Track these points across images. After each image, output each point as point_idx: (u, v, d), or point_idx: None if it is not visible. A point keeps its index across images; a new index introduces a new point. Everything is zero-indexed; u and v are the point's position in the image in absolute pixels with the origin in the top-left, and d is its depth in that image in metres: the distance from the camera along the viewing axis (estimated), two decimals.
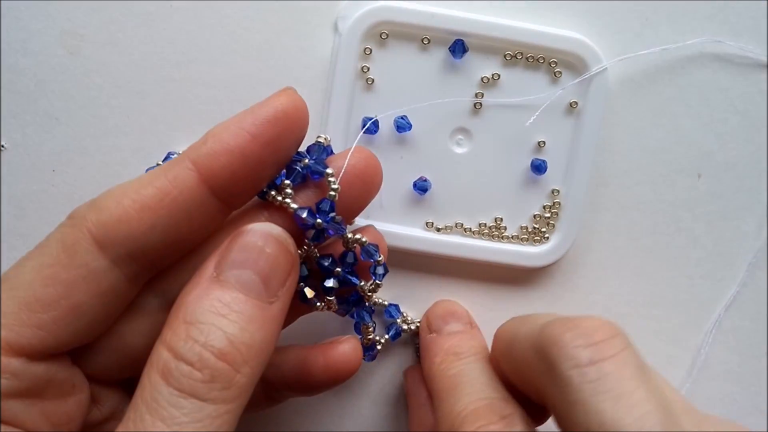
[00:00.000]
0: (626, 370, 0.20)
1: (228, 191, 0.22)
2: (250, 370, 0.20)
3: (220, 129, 0.22)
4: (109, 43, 0.30)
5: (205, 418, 0.19)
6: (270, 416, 0.32)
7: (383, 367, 0.32)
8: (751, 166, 0.32)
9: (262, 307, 0.21)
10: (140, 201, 0.21)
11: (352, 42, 0.29)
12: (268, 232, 0.22)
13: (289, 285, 0.22)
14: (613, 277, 0.32)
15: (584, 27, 0.31)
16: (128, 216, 0.21)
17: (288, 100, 0.23)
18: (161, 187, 0.22)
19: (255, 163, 0.22)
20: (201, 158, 0.22)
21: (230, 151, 0.22)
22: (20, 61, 0.30)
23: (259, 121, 0.22)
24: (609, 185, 0.32)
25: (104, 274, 0.21)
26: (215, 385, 0.20)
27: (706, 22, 0.31)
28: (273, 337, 0.22)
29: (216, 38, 0.30)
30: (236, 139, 0.22)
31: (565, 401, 0.20)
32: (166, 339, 0.20)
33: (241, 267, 0.21)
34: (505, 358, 0.25)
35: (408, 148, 0.30)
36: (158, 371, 0.20)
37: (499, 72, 0.30)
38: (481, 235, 0.31)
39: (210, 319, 0.20)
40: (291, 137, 0.23)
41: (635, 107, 0.32)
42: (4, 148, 0.30)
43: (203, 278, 0.21)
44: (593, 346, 0.20)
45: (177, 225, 0.22)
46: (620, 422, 0.19)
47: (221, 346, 0.20)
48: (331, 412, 0.32)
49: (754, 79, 0.32)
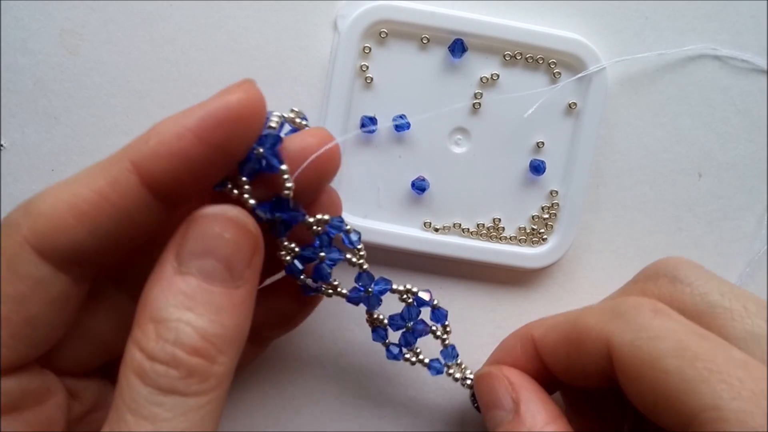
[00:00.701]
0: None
1: (170, 194, 0.21)
2: (226, 358, 0.20)
3: (164, 127, 0.20)
4: (109, 43, 0.30)
5: (188, 412, 0.19)
6: (270, 416, 0.32)
7: (382, 367, 0.32)
8: (751, 166, 0.32)
9: (230, 294, 0.20)
10: (77, 207, 0.20)
11: (352, 41, 0.29)
12: (224, 216, 0.21)
13: (254, 264, 0.21)
14: (613, 277, 0.32)
15: (584, 27, 0.31)
16: (66, 224, 0.20)
17: (242, 97, 0.20)
18: (99, 190, 0.20)
19: (201, 166, 0.20)
20: (142, 159, 0.20)
21: (173, 155, 0.20)
22: (20, 60, 0.30)
23: (205, 121, 0.20)
24: (609, 185, 0.32)
25: (51, 282, 0.21)
26: (193, 380, 0.19)
27: (706, 22, 0.31)
28: (246, 320, 0.21)
29: (216, 38, 0.30)
30: (180, 142, 0.20)
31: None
32: (137, 339, 0.20)
33: (202, 256, 0.20)
34: (564, 349, 0.25)
35: (406, 147, 0.30)
36: (134, 372, 0.19)
37: (498, 72, 0.30)
38: (480, 236, 0.31)
39: (176, 315, 0.20)
40: (243, 138, 0.21)
41: (635, 107, 0.31)
42: (3, 148, 0.30)
43: (165, 271, 0.20)
44: None
45: (119, 229, 0.21)
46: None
47: (192, 342, 0.19)
48: (331, 411, 0.32)
49: (754, 78, 0.31)
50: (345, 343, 0.32)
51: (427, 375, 0.31)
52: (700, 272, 0.24)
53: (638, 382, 0.21)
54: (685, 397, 0.20)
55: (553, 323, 0.26)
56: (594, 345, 0.23)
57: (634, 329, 0.22)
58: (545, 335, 0.26)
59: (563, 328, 0.25)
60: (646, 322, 0.22)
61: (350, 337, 0.31)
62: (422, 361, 0.28)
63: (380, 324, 0.27)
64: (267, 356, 0.31)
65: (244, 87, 0.21)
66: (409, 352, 0.28)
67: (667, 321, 0.22)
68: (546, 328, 0.26)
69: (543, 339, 0.26)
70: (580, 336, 0.24)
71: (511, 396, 0.25)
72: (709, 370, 0.20)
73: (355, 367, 0.32)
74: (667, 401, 0.20)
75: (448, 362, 0.28)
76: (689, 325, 0.22)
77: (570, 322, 0.25)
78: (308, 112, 0.30)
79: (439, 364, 0.28)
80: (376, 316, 0.27)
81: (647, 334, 0.21)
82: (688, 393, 0.20)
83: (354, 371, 0.32)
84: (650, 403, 0.21)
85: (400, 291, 0.27)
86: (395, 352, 0.28)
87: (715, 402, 0.19)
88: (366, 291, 0.26)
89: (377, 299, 0.27)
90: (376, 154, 0.30)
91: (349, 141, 0.30)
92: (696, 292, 0.24)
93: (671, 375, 0.20)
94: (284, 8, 0.30)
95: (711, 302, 0.23)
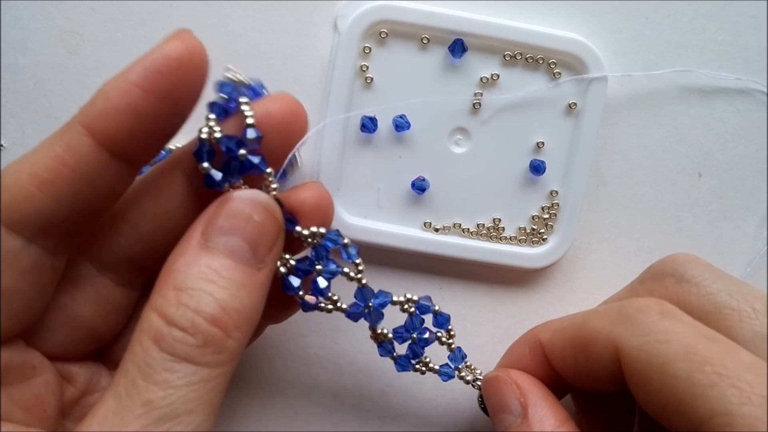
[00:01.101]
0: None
1: (128, 151, 0.21)
2: (240, 334, 0.21)
3: (108, 86, 0.21)
4: (109, 43, 0.30)
5: (198, 382, 0.20)
6: (270, 416, 0.32)
7: (382, 367, 0.32)
8: (751, 166, 0.32)
9: (251, 274, 0.21)
10: (37, 176, 0.20)
11: (352, 41, 0.29)
12: (255, 199, 0.22)
13: (275, 251, 0.22)
14: (614, 277, 0.32)
15: (584, 27, 0.31)
16: (29, 194, 0.20)
17: (179, 45, 0.21)
18: (56, 157, 0.20)
19: (152, 118, 0.21)
20: (92, 121, 0.20)
21: (121, 110, 0.20)
22: (19, 60, 0.30)
23: (149, 73, 0.20)
24: (609, 185, 0.32)
25: (22, 253, 0.21)
26: (208, 350, 0.20)
27: (706, 22, 0.31)
28: (261, 302, 0.22)
29: (216, 38, 0.30)
30: (126, 96, 0.20)
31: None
32: (157, 305, 0.20)
33: (229, 234, 0.21)
34: (571, 354, 0.25)
35: (406, 147, 0.30)
36: (150, 337, 0.20)
37: (498, 72, 0.30)
38: (480, 236, 0.31)
39: (200, 285, 0.20)
40: (189, 86, 0.21)
41: (635, 107, 0.31)
42: (3, 148, 0.30)
43: (191, 245, 0.21)
44: None
45: (82, 193, 0.21)
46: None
47: (213, 311, 0.20)
48: (331, 411, 0.32)
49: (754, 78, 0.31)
50: (345, 343, 0.32)
51: (426, 375, 0.31)
52: (707, 271, 0.24)
53: (647, 386, 0.21)
54: (695, 402, 0.20)
55: (560, 327, 0.26)
56: (602, 349, 0.23)
57: (641, 333, 0.22)
58: (552, 339, 0.26)
59: (570, 332, 0.25)
60: (653, 325, 0.22)
61: (350, 336, 0.31)
62: (432, 368, 0.28)
63: (385, 339, 0.27)
64: (268, 356, 0.31)
65: (180, 36, 0.21)
66: (418, 363, 0.28)
67: (675, 323, 0.22)
68: (553, 332, 0.26)
69: (550, 343, 0.26)
70: (587, 340, 0.24)
71: (519, 400, 0.25)
72: (718, 375, 0.20)
73: (355, 367, 0.32)
74: (676, 406, 0.20)
75: (458, 365, 0.28)
76: (697, 326, 0.22)
77: (577, 326, 0.25)
78: (308, 112, 0.30)
79: (449, 369, 0.28)
80: (380, 331, 0.26)
81: (655, 338, 0.21)
82: (698, 398, 0.20)
83: (354, 371, 0.32)
84: (659, 408, 0.21)
85: (401, 302, 0.26)
86: (404, 365, 0.28)
87: (725, 407, 0.19)
88: (366, 306, 0.26)
89: (378, 314, 0.26)
90: (376, 154, 0.30)
91: (349, 141, 0.30)
92: (703, 292, 0.24)
93: (680, 380, 0.20)
94: (284, 8, 0.30)
95: (719, 303, 0.23)
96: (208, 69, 0.21)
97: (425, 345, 0.27)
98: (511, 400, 0.26)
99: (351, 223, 0.30)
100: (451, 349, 0.28)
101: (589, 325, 0.24)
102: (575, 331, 0.25)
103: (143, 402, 0.19)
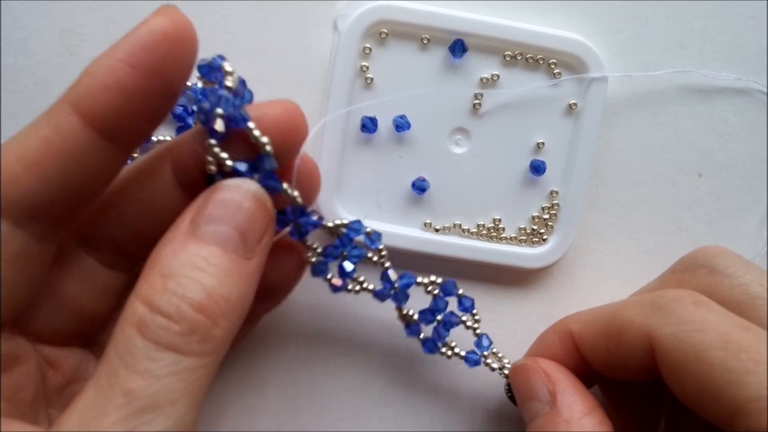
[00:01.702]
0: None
1: (118, 131, 0.21)
2: (227, 323, 0.20)
3: (94, 65, 0.20)
4: (109, 43, 0.29)
5: (182, 371, 0.19)
6: (270, 416, 0.32)
7: (383, 366, 0.32)
8: (751, 166, 0.32)
9: (240, 262, 0.21)
10: (25, 157, 0.20)
11: (352, 41, 0.29)
12: (246, 188, 0.21)
13: (265, 242, 0.22)
14: (614, 277, 0.32)
15: (584, 27, 0.31)
16: (16, 175, 0.20)
17: (165, 20, 0.20)
18: (44, 137, 0.20)
19: (140, 96, 0.20)
20: (80, 100, 0.20)
21: (109, 88, 0.20)
22: (20, 60, 0.30)
23: (135, 49, 0.20)
24: (609, 185, 0.32)
25: (9, 238, 0.20)
26: (193, 338, 0.19)
27: (706, 22, 0.31)
28: (250, 292, 0.21)
29: (216, 38, 0.30)
30: (113, 73, 0.20)
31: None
32: (142, 292, 0.20)
33: (219, 222, 0.21)
34: (604, 343, 0.25)
35: (407, 147, 0.30)
36: (133, 325, 0.19)
37: (498, 72, 0.30)
38: (480, 236, 0.31)
39: (187, 272, 0.20)
40: (177, 62, 0.21)
41: (635, 107, 0.31)
42: None
43: (179, 232, 0.21)
44: None
45: (71, 175, 0.20)
46: None
47: (199, 298, 0.19)
48: (331, 411, 0.32)
49: (754, 78, 0.31)
50: (346, 342, 0.32)
51: (427, 375, 0.32)
52: (739, 262, 0.25)
53: (682, 374, 0.21)
54: (730, 388, 0.20)
55: (592, 317, 0.26)
56: (635, 338, 0.23)
57: (676, 322, 0.22)
58: (583, 329, 0.26)
59: (602, 322, 0.25)
60: (688, 314, 0.22)
61: (351, 336, 0.31)
62: (458, 354, 0.29)
63: (411, 320, 0.28)
64: (268, 356, 0.31)
65: (165, 11, 0.21)
66: (444, 346, 0.29)
67: (709, 313, 0.22)
68: (584, 323, 0.26)
69: (581, 333, 0.26)
70: (620, 330, 0.24)
71: (547, 388, 0.26)
72: (754, 362, 0.20)
73: (355, 366, 0.32)
74: (711, 393, 0.21)
75: (484, 352, 0.29)
76: (731, 316, 0.22)
77: (609, 316, 0.25)
78: (308, 113, 0.30)
79: (475, 356, 0.29)
80: (406, 312, 0.28)
81: (690, 327, 0.22)
82: (733, 384, 0.20)
83: (354, 371, 0.32)
84: (694, 395, 0.21)
85: (425, 283, 0.28)
86: (431, 347, 0.28)
87: (761, 393, 0.20)
88: (392, 287, 0.27)
89: (404, 294, 0.27)
90: (376, 155, 0.30)
91: (350, 141, 0.30)
92: (735, 283, 0.24)
93: (715, 367, 0.21)
94: (284, 8, 0.30)
95: (751, 294, 0.23)
96: (197, 44, 0.21)
97: (450, 327, 0.28)
98: (539, 387, 0.26)
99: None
100: (476, 335, 0.29)
101: (622, 315, 0.24)
102: (608, 321, 0.25)
103: (124, 391, 0.18)
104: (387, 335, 0.31)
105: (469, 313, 0.29)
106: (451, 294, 0.28)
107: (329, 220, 0.25)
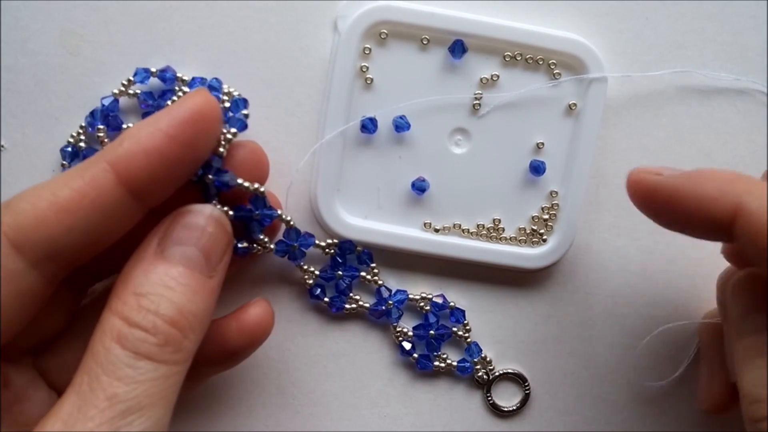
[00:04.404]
0: None
1: (146, 191, 0.23)
2: (194, 336, 0.23)
3: (136, 130, 0.23)
4: (109, 44, 0.30)
5: (159, 378, 0.21)
6: (270, 416, 0.32)
7: (382, 367, 0.32)
8: (751, 166, 0.32)
9: (204, 281, 0.23)
10: (57, 203, 0.22)
11: (352, 41, 0.29)
12: (209, 213, 0.24)
13: (225, 261, 0.24)
14: (614, 277, 0.32)
15: (584, 27, 0.31)
16: (45, 218, 0.22)
17: (203, 101, 0.23)
18: (78, 189, 0.22)
19: (173, 163, 0.23)
20: (119, 159, 0.22)
21: (148, 152, 0.22)
22: (20, 60, 0.30)
23: (176, 122, 0.23)
24: (609, 185, 0.32)
25: (23, 276, 0.22)
26: (168, 348, 0.22)
27: (706, 22, 0.31)
28: (212, 307, 0.24)
29: (216, 38, 0.30)
30: (154, 140, 0.22)
31: None
32: (117, 309, 0.22)
33: (185, 244, 0.23)
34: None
35: (406, 148, 0.30)
36: (112, 338, 0.21)
37: (498, 73, 0.30)
38: (479, 237, 0.31)
39: (160, 291, 0.22)
40: (207, 137, 0.24)
41: (635, 107, 0.31)
42: (3, 148, 0.30)
43: (148, 253, 0.23)
44: None
45: (95, 226, 0.22)
46: None
47: (172, 314, 0.22)
48: (331, 411, 0.32)
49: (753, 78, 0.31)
50: (345, 342, 0.32)
51: (426, 375, 0.32)
52: None
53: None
54: None
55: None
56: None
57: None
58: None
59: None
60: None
61: (351, 336, 0.32)
62: (451, 365, 0.31)
63: (405, 337, 0.30)
64: (268, 356, 0.31)
65: (200, 93, 0.24)
66: (437, 359, 0.30)
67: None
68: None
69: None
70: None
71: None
72: None
73: (355, 367, 0.32)
74: None
75: (474, 359, 0.31)
76: None
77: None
78: (308, 113, 0.30)
79: (467, 364, 0.31)
80: (401, 329, 0.30)
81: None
82: None
83: (354, 371, 0.32)
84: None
85: (417, 300, 0.30)
86: (425, 364, 0.30)
87: None
88: (387, 304, 0.29)
89: (398, 311, 0.30)
90: (376, 155, 0.30)
91: (349, 142, 0.30)
92: None
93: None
94: (284, 8, 0.30)
95: None
96: (221, 123, 0.25)
97: (442, 341, 0.30)
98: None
99: (351, 223, 0.30)
100: (467, 343, 0.30)
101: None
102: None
103: (108, 396, 0.20)
104: (387, 335, 0.31)
105: (460, 324, 0.30)
106: (443, 308, 0.30)
107: (287, 214, 0.28)
